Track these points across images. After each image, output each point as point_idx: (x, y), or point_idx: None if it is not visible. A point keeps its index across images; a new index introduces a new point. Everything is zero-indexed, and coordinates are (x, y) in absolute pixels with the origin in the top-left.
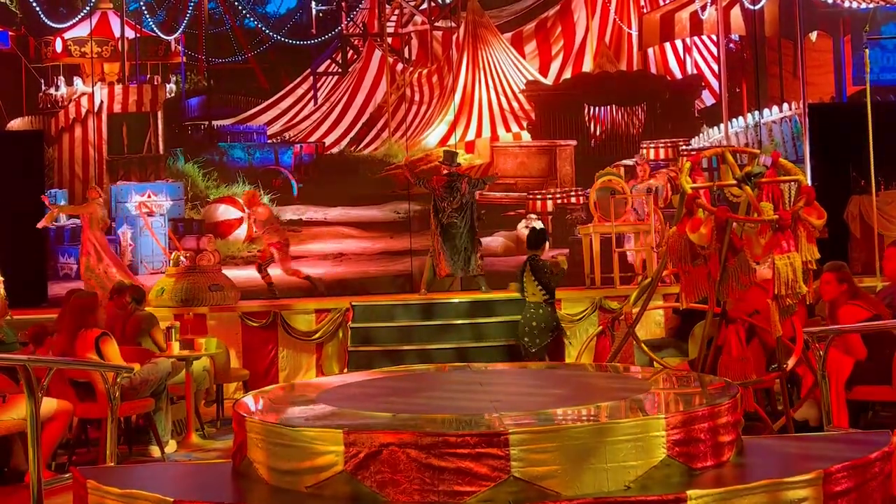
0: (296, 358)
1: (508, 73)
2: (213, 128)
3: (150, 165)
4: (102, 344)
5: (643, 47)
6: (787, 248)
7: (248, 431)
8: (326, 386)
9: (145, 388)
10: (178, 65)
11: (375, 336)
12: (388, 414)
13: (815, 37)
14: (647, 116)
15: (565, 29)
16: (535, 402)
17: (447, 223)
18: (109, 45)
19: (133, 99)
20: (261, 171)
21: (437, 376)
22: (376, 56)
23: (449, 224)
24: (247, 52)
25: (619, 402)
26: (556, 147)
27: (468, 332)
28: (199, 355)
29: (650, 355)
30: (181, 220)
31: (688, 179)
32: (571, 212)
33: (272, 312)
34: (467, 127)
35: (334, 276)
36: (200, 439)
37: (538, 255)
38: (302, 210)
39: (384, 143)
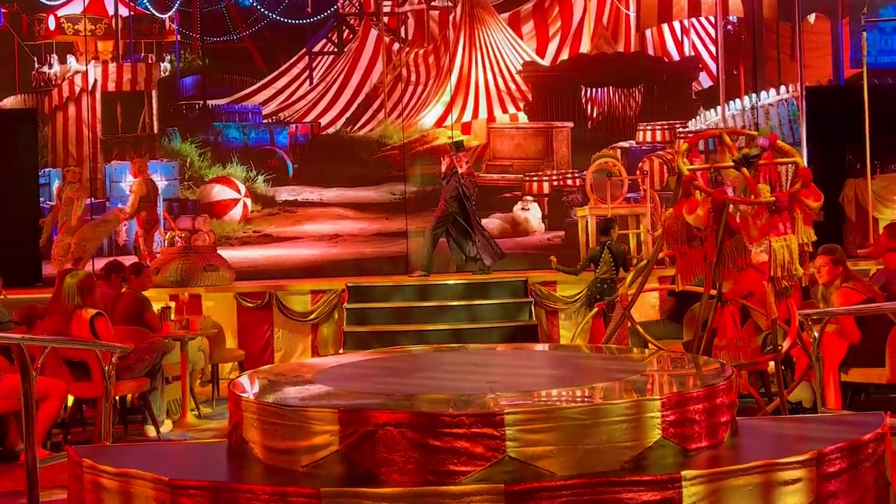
0: (291, 339)
1: (505, 53)
2: (208, 107)
3: (144, 144)
4: (97, 324)
5: (641, 28)
6: (783, 231)
7: (244, 411)
8: (322, 366)
9: (140, 367)
10: (172, 43)
11: (371, 317)
12: (384, 394)
13: (813, 19)
14: (644, 98)
15: (563, 9)
16: (530, 383)
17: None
18: (103, 22)
19: (127, 77)
20: (256, 151)
21: (433, 357)
22: (372, 36)
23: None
24: (242, 31)
25: (615, 383)
26: (553, 129)
27: (464, 314)
28: (195, 335)
29: (646, 337)
30: (176, 199)
31: (685, 161)
32: (568, 194)
33: (267, 293)
34: (464, 108)
35: (330, 258)
36: (196, 419)
37: (611, 240)
38: (297, 191)
39: (380, 124)
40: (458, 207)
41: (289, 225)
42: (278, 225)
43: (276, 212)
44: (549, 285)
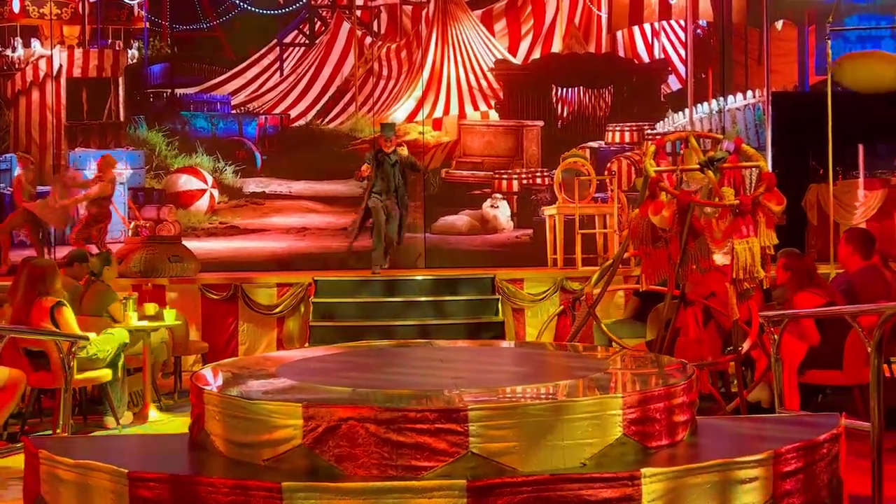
0: (256, 332)
1: (478, 50)
2: (176, 96)
3: (110, 132)
4: (58, 313)
5: (612, 30)
6: (746, 233)
7: (206, 404)
8: (286, 360)
9: (101, 358)
10: (140, 30)
11: (338, 312)
12: (348, 388)
13: (780, 26)
14: (613, 99)
15: (535, 9)
16: (495, 380)
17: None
18: (70, 6)
19: (93, 63)
20: (224, 142)
21: (399, 352)
22: (344, 28)
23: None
24: (212, 20)
25: (578, 380)
26: (524, 127)
27: (431, 310)
28: (157, 326)
29: (609, 336)
30: (141, 189)
31: (652, 163)
32: (537, 192)
33: (233, 285)
34: (435, 103)
35: (297, 251)
36: (157, 411)
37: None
38: (265, 182)
39: (351, 118)
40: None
41: (256, 217)
42: (245, 217)
43: (244, 203)
44: (517, 283)
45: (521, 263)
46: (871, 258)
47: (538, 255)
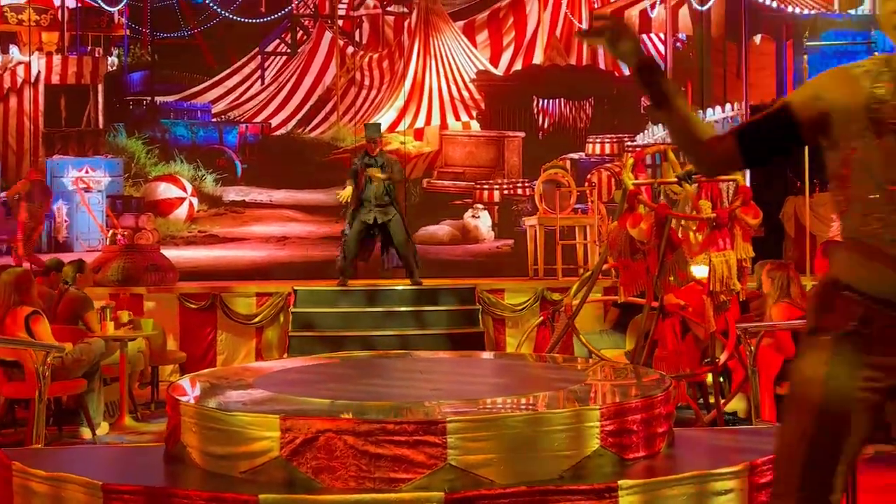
0: (235, 342)
1: (460, 61)
2: (156, 104)
3: (88, 140)
4: (33, 322)
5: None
6: (723, 246)
7: (182, 415)
8: (264, 371)
9: (77, 368)
10: (121, 37)
11: (317, 321)
12: (327, 400)
13: (759, 40)
14: (594, 111)
15: (517, 20)
16: (473, 391)
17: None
18: (49, 13)
19: (72, 70)
20: (204, 150)
21: (378, 363)
22: (326, 38)
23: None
24: (193, 28)
25: (556, 392)
26: (505, 138)
27: (411, 320)
28: (134, 336)
29: (588, 347)
30: (120, 196)
31: (630, 175)
32: (517, 203)
33: (211, 295)
34: (417, 113)
35: (277, 260)
36: (133, 422)
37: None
38: (245, 191)
39: (332, 127)
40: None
41: (236, 226)
42: (225, 225)
43: (223, 212)
44: (497, 293)
45: (501, 274)
46: None
47: (519, 265)
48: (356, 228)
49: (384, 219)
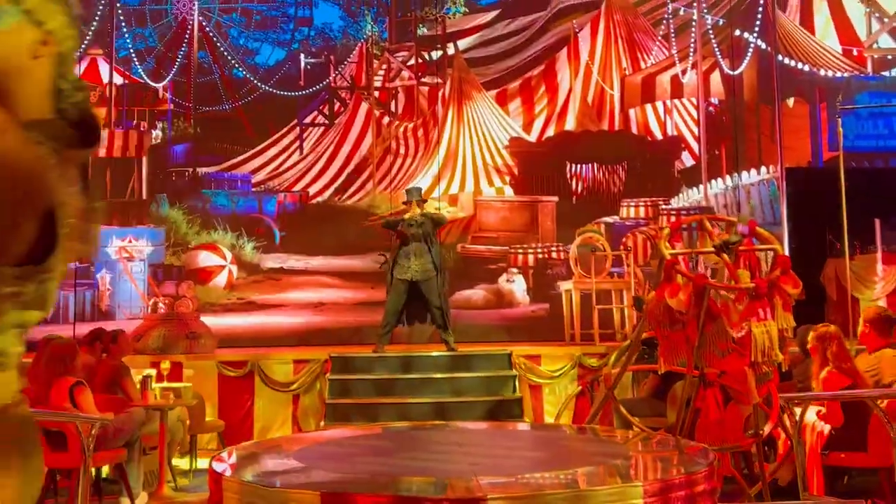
0: (272, 409)
1: (492, 129)
2: (198, 175)
3: (132, 210)
4: (77, 393)
5: (625, 108)
6: (763, 317)
7: (225, 490)
8: (304, 442)
9: (119, 438)
10: (165, 112)
11: (353, 389)
12: (366, 475)
13: (791, 103)
14: (627, 175)
15: (549, 88)
16: (513, 466)
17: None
18: (97, 90)
19: (118, 144)
20: (244, 219)
21: (416, 435)
22: (363, 109)
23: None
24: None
25: (597, 467)
26: (538, 202)
27: (447, 387)
28: (174, 405)
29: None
30: (161, 265)
31: (667, 245)
32: (552, 267)
33: (249, 362)
34: (451, 180)
35: (314, 326)
36: (172, 491)
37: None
38: (283, 258)
39: (368, 194)
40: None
41: (273, 292)
42: (263, 292)
43: (262, 279)
44: (534, 359)
45: (537, 338)
46: (890, 338)
47: (555, 329)
48: (393, 296)
49: (422, 278)
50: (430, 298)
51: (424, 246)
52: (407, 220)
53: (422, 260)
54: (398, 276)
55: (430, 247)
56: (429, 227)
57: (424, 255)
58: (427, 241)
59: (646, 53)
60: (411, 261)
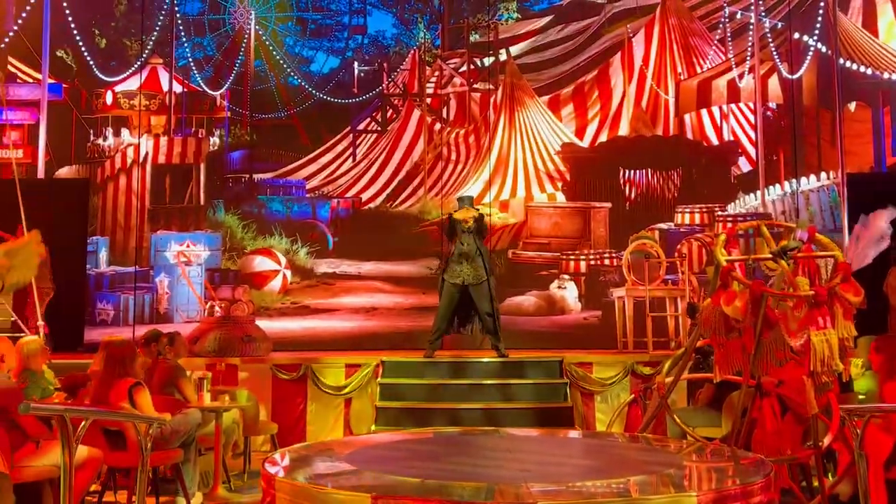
0: (324, 412)
1: (544, 134)
2: (254, 181)
3: (190, 215)
4: (136, 394)
5: (680, 113)
6: (823, 325)
7: (277, 490)
8: (355, 445)
9: (175, 438)
10: (222, 119)
11: (404, 393)
12: (417, 479)
13: (853, 107)
14: (682, 181)
15: (602, 93)
16: (564, 473)
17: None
18: (157, 98)
19: (177, 151)
20: (298, 224)
21: (466, 441)
22: (415, 115)
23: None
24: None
25: (651, 476)
26: (591, 209)
27: (498, 393)
28: (229, 407)
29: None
30: (218, 269)
31: (723, 252)
32: (605, 273)
33: (302, 365)
34: (502, 186)
35: (366, 330)
36: (227, 492)
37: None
38: (336, 263)
39: (420, 200)
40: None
41: (326, 297)
42: (316, 297)
43: (315, 284)
44: (585, 366)
45: (589, 346)
46: None
47: (607, 337)
48: (445, 301)
49: (473, 282)
50: (481, 304)
51: (476, 251)
52: (459, 226)
53: (473, 265)
54: (450, 281)
55: (481, 252)
56: (482, 232)
57: (476, 260)
58: (478, 247)
59: (702, 58)
60: (463, 266)
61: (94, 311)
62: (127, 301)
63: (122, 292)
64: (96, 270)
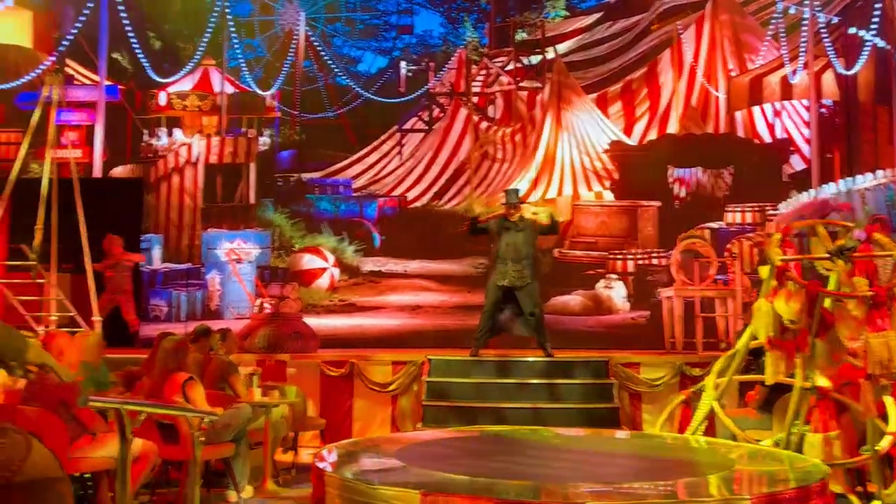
0: (370, 409)
1: (592, 132)
2: (302, 180)
3: (240, 214)
4: (189, 388)
5: (731, 110)
6: (881, 326)
7: (327, 486)
8: (404, 442)
9: (226, 432)
10: (272, 119)
11: (451, 391)
12: (466, 477)
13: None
14: (733, 179)
15: (651, 91)
16: (613, 474)
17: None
18: (209, 99)
19: (228, 150)
20: (345, 223)
21: (514, 440)
22: (461, 114)
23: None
24: (337, 109)
25: (702, 478)
26: (639, 207)
27: (544, 393)
28: (279, 402)
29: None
30: (267, 267)
31: (777, 251)
32: (653, 273)
33: (349, 362)
34: (549, 184)
35: (411, 328)
36: (275, 486)
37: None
38: (382, 262)
39: (466, 199)
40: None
41: (373, 295)
42: (362, 294)
43: (361, 281)
44: (633, 367)
45: (636, 346)
46: None
47: (655, 337)
48: (489, 301)
49: (518, 283)
50: (525, 305)
51: (523, 251)
52: (504, 224)
53: (519, 265)
54: (495, 282)
55: (529, 252)
56: (530, 232)
57: (522, 261)
58: (526, 247)
59: (753, 54)
60: (508, 266)
61: (147, 308)
62: (179, 298)
63: (174, 289)
64: (150, 267)
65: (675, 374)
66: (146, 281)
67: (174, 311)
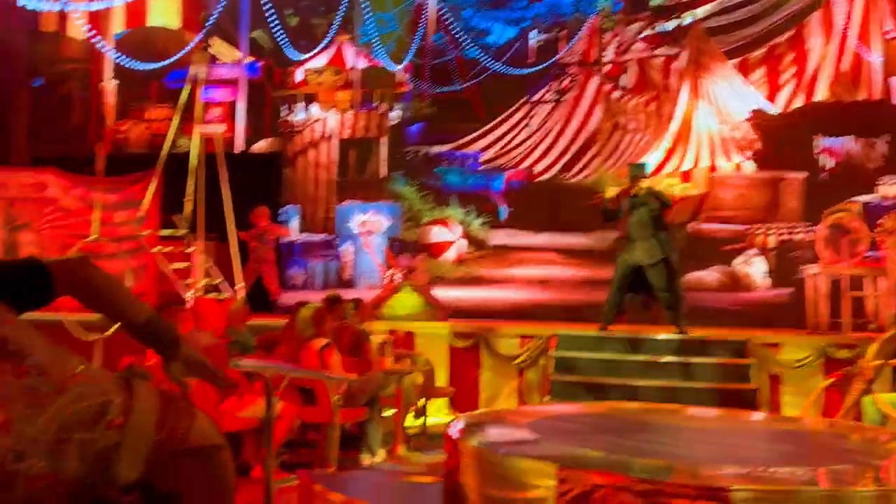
0: (497, 381)
1: (732, 101)
2: (430, 153)
3: (372, 187)
4: (326, 354)
5: (887, 76)
6: None
7: (461, 454)
8: (535, 415)
9: (361, 397)
10: (403, 93)
11: (578, 366)
12: (600, 453)
13: None
14: (889, 150)
15: (798, 56)
16: (757, 457)
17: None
18: (343, 74)
19: (361, 125)
20: (472, 196)
21: (647, 417)
22: (592, 84)
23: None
24: (466, 81)
25: (856, 466)
26: (782, 179)
27: (677, 372)
28: (410, 370)
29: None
30: (397, 239)
31: None
32: (796, 249)
33: (477, 334)
34: (684, 156)
35: (538, 302)
36: (407, 451)
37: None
38: (510, 234)
39: (595, 171)
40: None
41: (499, 268)
42: (489, 267)
43: (488, 254)
44: (773, 347)
45: (777, 326)
46: None
47: (796, 317)
48: (619, 275)
49: (648, 261)
50: (657, 283)
51: (650, 227)
52: (630, 200)
53: (647, 243)
54: (624, 258)
55: (657, 228)
56: (655, 206)
57: (650, 238)
58: (653, 223)
59: None
60: (636, 244)
61: (286, 276)
62: (315, 268)
63: (310, 259)
64: (288, 238)
65: (818, 356)
66: (285, 251)
67: (310, 280)
